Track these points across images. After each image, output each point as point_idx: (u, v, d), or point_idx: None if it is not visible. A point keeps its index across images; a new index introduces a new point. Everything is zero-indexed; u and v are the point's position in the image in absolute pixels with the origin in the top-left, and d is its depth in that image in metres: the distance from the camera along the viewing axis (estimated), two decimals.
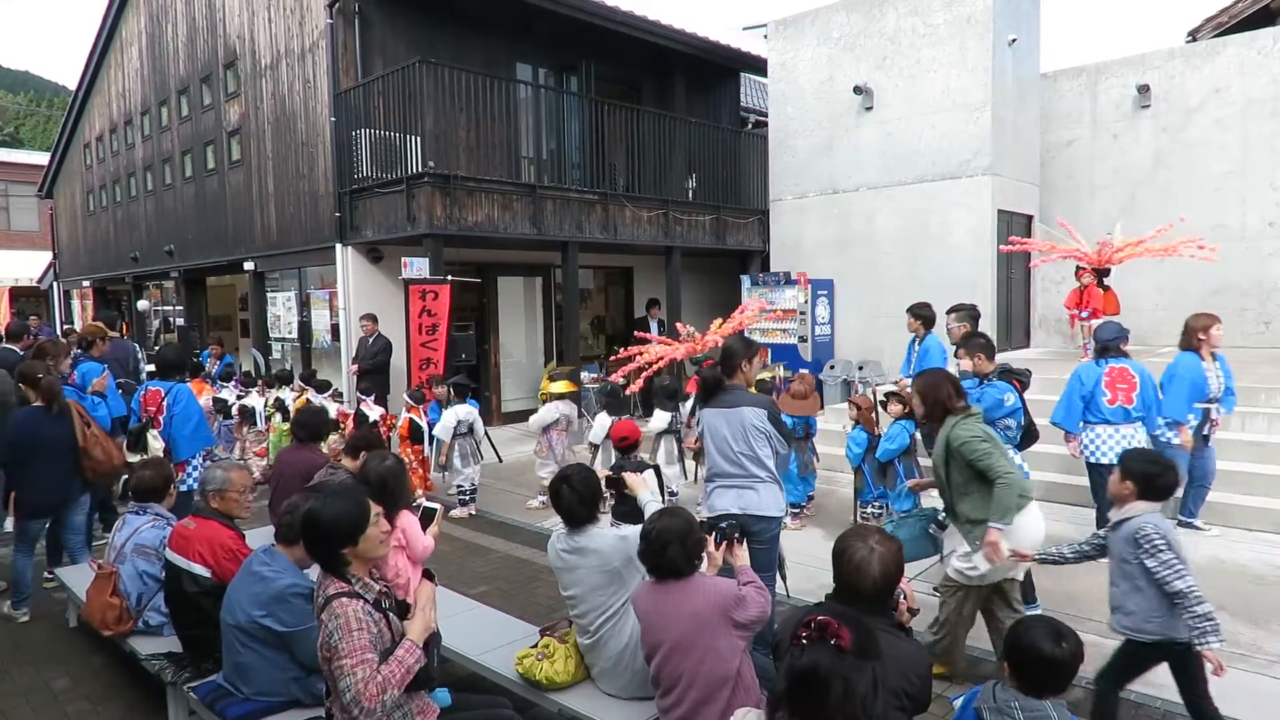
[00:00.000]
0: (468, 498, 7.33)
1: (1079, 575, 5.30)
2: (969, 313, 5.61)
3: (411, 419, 7.50)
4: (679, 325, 8.13)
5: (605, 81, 12.17)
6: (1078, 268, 9.54)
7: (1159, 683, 3.89)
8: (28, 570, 5.10)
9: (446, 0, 10.44)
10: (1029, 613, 4.34)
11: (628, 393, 7.88)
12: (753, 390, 4.36)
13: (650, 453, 6.79)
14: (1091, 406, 5.53)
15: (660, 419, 7.06)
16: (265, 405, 9.02)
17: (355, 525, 2.57)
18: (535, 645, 3.40)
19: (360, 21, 10.02)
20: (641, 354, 8.03)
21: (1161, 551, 3.01)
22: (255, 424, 8.84)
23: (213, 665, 3.45)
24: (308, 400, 8.82)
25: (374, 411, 8.03)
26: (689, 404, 7.46)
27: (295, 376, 9.63)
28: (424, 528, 3.52)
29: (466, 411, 7.27)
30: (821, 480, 7.21)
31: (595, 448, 7.05)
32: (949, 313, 5.69)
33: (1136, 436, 5.48)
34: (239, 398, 9.25)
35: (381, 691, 2.37)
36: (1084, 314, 9.31)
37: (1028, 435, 4.92)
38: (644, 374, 7.91)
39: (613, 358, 8.86)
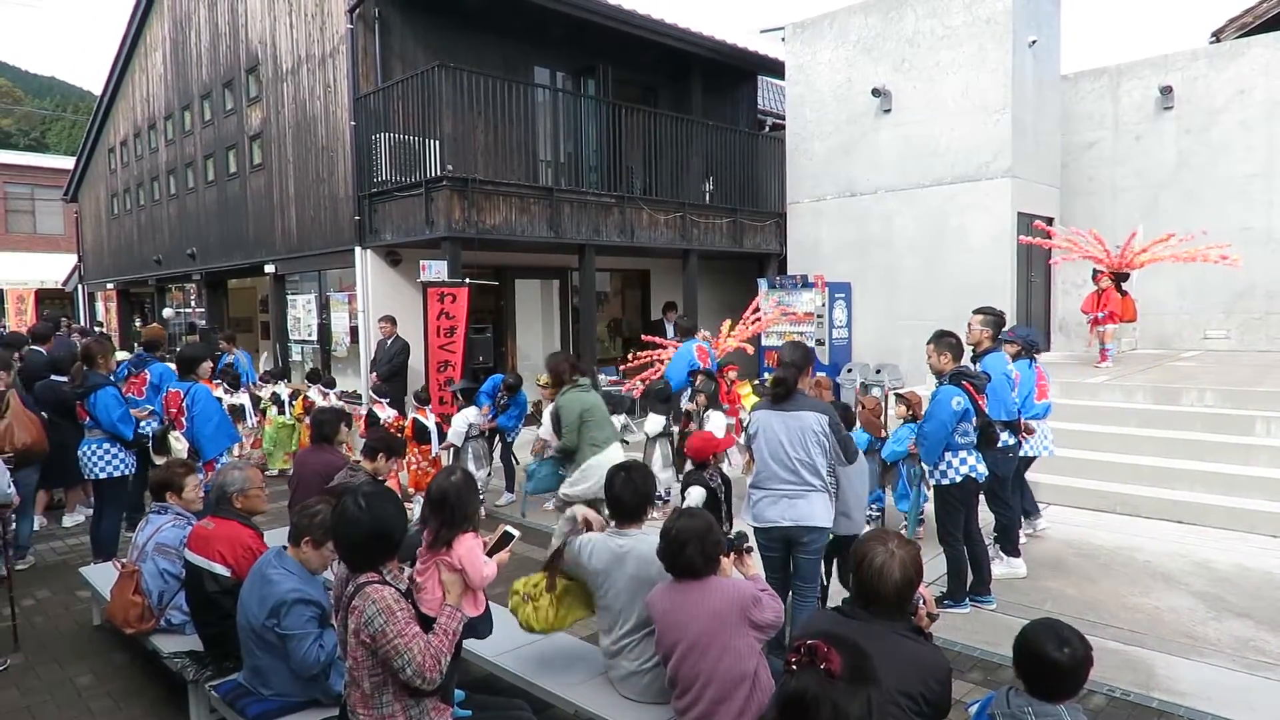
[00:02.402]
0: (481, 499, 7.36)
1: (1101, 582, 5.25)
2: (995, 318, 5.50)
3: (416, 419, 7.51)
4: (675, 325, 8.11)
5: (622, 84, 12.20)
6: (1095, 271, 9.41)
7: (1161, 686, 3.86)
8: None
9: (465, 5, 10.50)
10: None
11: (635, 395, 7.87)
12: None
13: (645, 457, 6.75)
14: (1025, 404, 5.69)
15: (655, 422, 6.97)
16: (261, 401, 9.21)
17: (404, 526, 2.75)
18: (533, 582, 3.46)
19: (380, 27, 10.10)
20: (661, 360, 8.03)
21: None
22: (245, 421, 8.94)
23: (234, 664, 3.48)
24: (306, 397, 8.94)
25: (386, 413, 8.06)
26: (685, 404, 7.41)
27: (288, 374, 9.76)
28: (494, 551, 3.09)
29: (477, 414, 7.28)
30: None
31: None
32: (975, 314, 5.60)
33: (1045, 430, 5.98)
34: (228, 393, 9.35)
35: (438, 662, 2.55)
36: (1101, 317, 9.20)
37: (984, 436, 4.88)
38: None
39: (624, 365, 8.83)
